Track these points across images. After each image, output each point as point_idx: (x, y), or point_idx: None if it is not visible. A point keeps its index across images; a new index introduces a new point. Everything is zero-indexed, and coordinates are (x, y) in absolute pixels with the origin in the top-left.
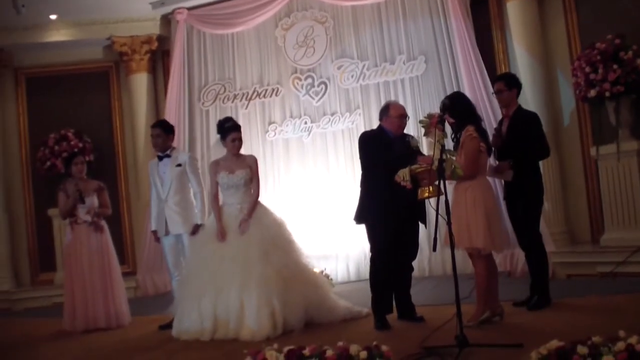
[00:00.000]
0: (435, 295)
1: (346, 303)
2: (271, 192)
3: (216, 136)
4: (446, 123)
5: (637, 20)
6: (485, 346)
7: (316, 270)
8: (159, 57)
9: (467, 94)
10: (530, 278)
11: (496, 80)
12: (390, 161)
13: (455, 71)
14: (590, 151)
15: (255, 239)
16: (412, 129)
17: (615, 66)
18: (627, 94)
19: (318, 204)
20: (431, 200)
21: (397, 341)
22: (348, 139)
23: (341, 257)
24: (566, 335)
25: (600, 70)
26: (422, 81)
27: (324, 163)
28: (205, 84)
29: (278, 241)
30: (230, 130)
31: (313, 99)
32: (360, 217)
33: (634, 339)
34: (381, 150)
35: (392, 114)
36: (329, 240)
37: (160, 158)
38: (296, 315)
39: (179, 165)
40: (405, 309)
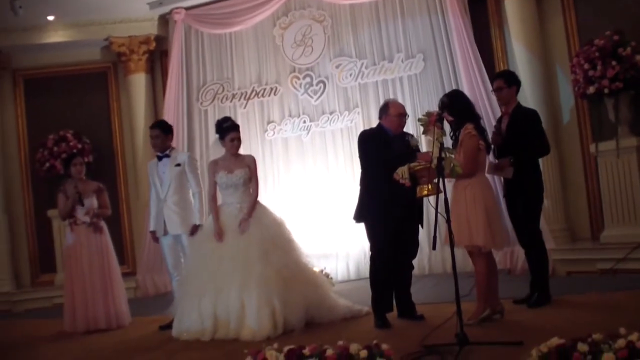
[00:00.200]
0: (436, 293)
1: (346, 302)
2: (271, 192)
3: (215, 136)
4: (445, 121)
5: (636, 16)
6: (485, 344)
7: (316, 269)
8: (157, 58)
9: (466, 92)
10: (530, 275)
11: (495, 78)
12: (389, 160)
13: (453, 69)
14: (590, 148)
15: (255, 239)
16: (411, 127)
17: (614, 62)
18: (626, 90)
19: (317, 203)
20: (430, 199)
21: (398, 340)
22: (347, 137)
23: (341, 256)
24: (566, 332)
25: (599, 67)
26: (421, 79)
27: (323, 162)
28: (203, 83)
29: (278, 241)
30: (229, 130)
31: (312, 97)
32: (359, 216)
33: (634, 336)
34: (380, 149)
35: (392, 112)
36: (329, 239)
37: (159, 158)
38: (296, 314)
39: (178, 165)
40: (406, 307)
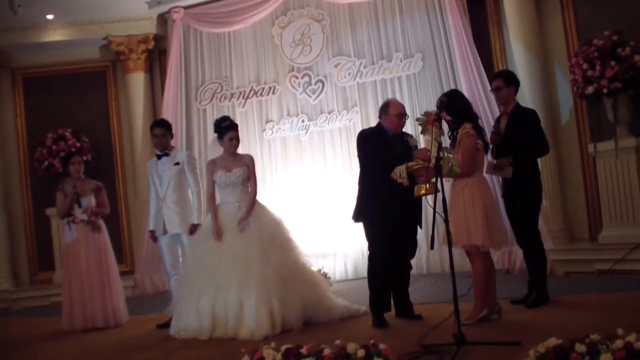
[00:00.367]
0: (433, 293)
1: (344, 301)
2: (269, 191)
3: (213, 135)
4: (443, 121)
5: (635, 16)
6: (483, 344)
7: (314, 268)
8: (155, 57)
9: (465, 91)
10: (529, 275)
11: (494, 78)
12: (388, 160)
13: (452, 68)
14: (588, 148)
15: (254, 238)
16: (410, 127)
17: (612, 62)
18: (625, 90)
19: (316, 202)
20: (429, 199)
21: (395, 339)
22: (345, 137)
23: (339, 255)
24: (564, 332)
25: (597, 67)
26: (419, 79)
27: (322, 161)
28: (202, 82)
29: (277, 239)
30: (227, 129)
31: (310, 97)
32: (358, 216)
33: (632, 337)
34: (380, 149)
35: (391, 112)
36: (327, 238)
37: (158, 157)
38: (295, 314)
39: (177, 164)
40: (403, 307)
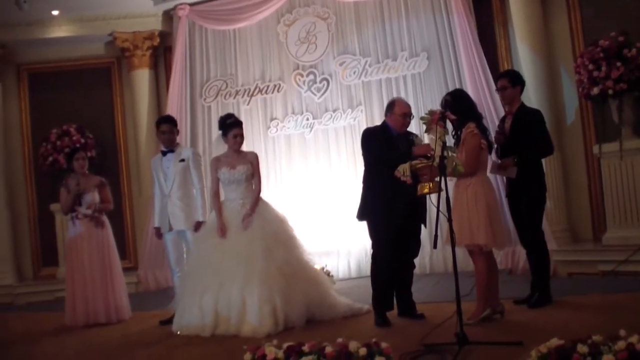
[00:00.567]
0: (436, 292)
1: (347, 300)
2: (273, 189)
3: (218, 132)
4: (447, 120)
5: None
6: (485, 344)
7: (317, 266)
8: (160, 53)
9: (470, 91)
10: (532, 276)
11: (500, 77)
12: (391, 160)
13: (457, 68)
14: (593, 149)
15: (258, 235)
16: (415, 126)
17: (618, 64)
18: (630, 91)
19: (320, 201)
20: (432, 198)
21: (397, 338)
22: (350, 135)
23: (342, 254)
24: (566, 333)
25: (603, 68)
26: (424, 78)
27: (326, 159)
28: (207, 80)
29: (280, 237)
30: (231, 126)
31: (315, 95)
32: (362, 214)
33: (634, 338)
34: (383, 147)
35: (397, 111)
36: (331, 236)
37: (164, 153)
38: (297, 312)
39: (182, 161)
40: (406, 306)
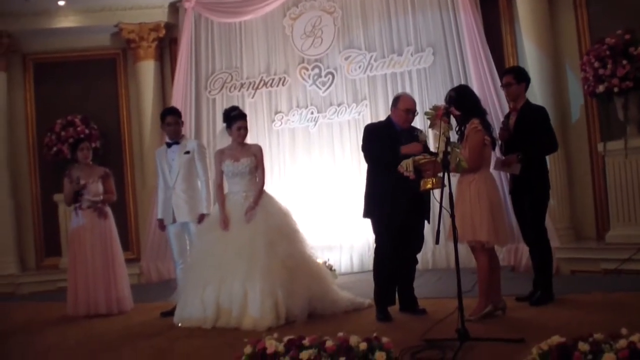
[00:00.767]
0: (438, 288)
1: (348, 294)
2: (277, 182)
3: (222, 125)
4: (451, 115)
5: None
6: (486, 340)
7: (319, 260)
8: (166, 45)
9: (475, 87)
10: (534, 273)
11: (505, 73)
12: (390, 163)
13: (463, 64)
14: (598, 147)
15: (261, 228)
16: (419, 121)
17: (624, 62)
18: (636, 89)
19: (323, 195)
20: (435, 194)
21: (398, 333)
22: (354, 129)
23: (345, 248)
24: (568, 331)
25: (609, 66)
26: (430, 73)
27: (330, 153)
28: (212, 72)
29: (283, 230)
30: (236, 118)
31: (320, 89)
32: (366, 212)
33: (636, 337)
34: (385, 147)
35: (400, 106)
36: (333, 231)
37: (169, 145)
38: (299, 306)
39: (187, 153)
40: (408, 301)
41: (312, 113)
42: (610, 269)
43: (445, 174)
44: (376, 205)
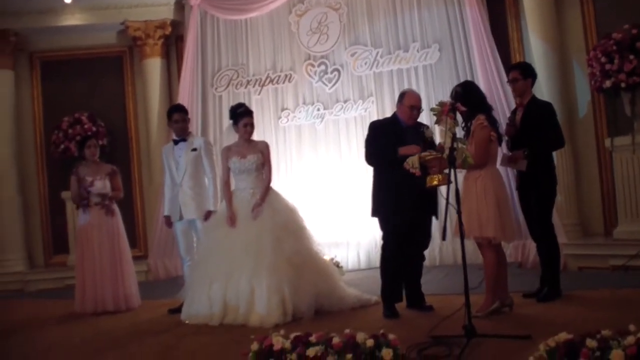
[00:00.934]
0: (445, 284)
1: (355, 291)
2: (283, 179)
3: (229, 122)
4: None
5: None
6: (493, 337)
7: (326, 257)
8: (172, 42)
9: (481, 83)
10: (541, 269)
11: (511, 69)
12: (393, 162)
13: (469, 60)
14: (605, 142)
15: (268, 225)
16: (425, 117)
17: (631, 57)
18: None
19: (330, 191)
20: (442, 190)
21: (405, 330)
22: (361, 126)
23: (352, 245)
24: (575, 327)
25: (616, 61)
26: (436, 69)
27: (336, 150)
28: (218, 69)
29: (290, 227)
30: (242, 115)
31: (326, 85)
32: (374, 211)
33: None
34: (390, 142)
35: (405, 102)
36: (340, 227)
37: (175, 142)
38: (306, 302)
39: (194, 150)
40: (415, 298)
41: (319, 110)
42: (618, 265)
43: (452, 170)
44: (382, 202)
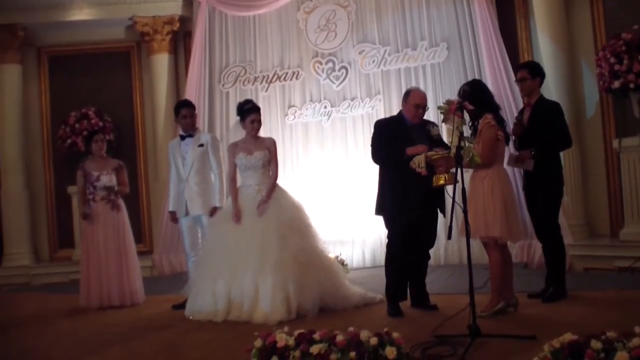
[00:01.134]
0: (450, 284)
1: (360, 289)
2: (289, 176)
3: (236, 118)
4: (464, 110)
5: None
6: (497, 337)
7: (331, 255)
8: (180, 38)
9: (489, 82)
10: (547, 270)
11: (520, 68)
12: (400, 162)
13: (477, 58)
14: (613, 143)
15: (273, 222)
16: (432, 115)
17: None
18: None
19: (336, 189)
20: (448, 189)
21: (409, 328)
22: (368, 124)
23: (357, 243)
24: (580, 328)
25: (625, 61)
26: (444, 68)
27: (343, 148)
28: (225, 65)
29: (295, 224)
30: (249, 111)
31: (333, 83)
32: (379, 209)
33: None
34: (396, 141)
35: (410, 101)
36: (346, 225)
37: (182, 137)
38: (311, 300)
39: (201, 146)
40: (419, 296)
41: (326, 107)
42: (624, 266)
43: (458, 170)
44: (387, 201)
